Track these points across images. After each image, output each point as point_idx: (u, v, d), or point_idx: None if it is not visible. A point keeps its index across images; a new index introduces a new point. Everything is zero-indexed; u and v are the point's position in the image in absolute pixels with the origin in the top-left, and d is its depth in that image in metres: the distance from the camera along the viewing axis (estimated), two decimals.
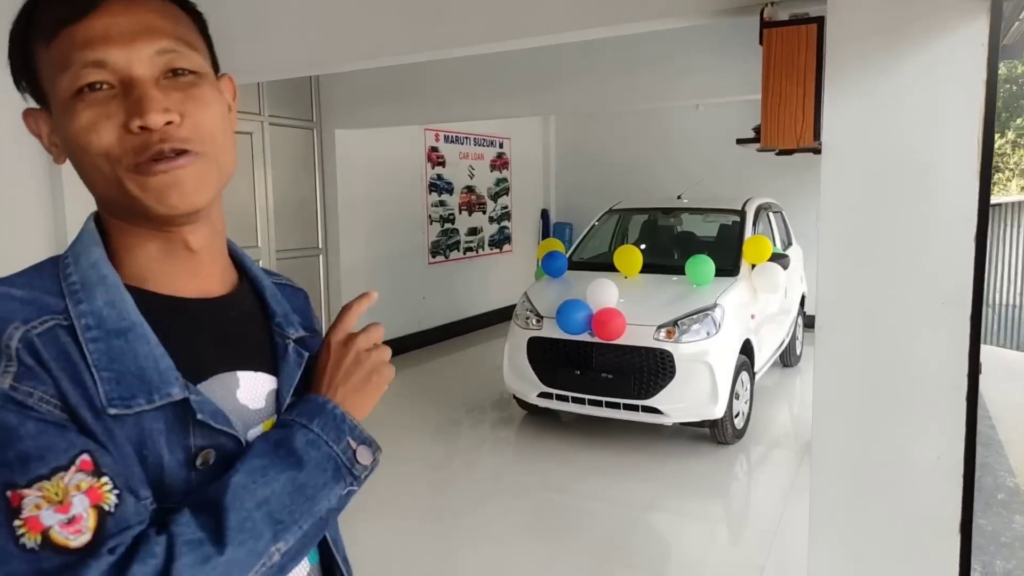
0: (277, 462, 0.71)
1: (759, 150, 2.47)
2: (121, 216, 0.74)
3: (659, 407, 4.41)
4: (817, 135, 2.26)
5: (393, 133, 6.85)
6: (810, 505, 2.32)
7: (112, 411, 0.66)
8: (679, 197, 6.24)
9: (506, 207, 9.07)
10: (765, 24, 2.35)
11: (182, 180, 0.70)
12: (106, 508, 0.62)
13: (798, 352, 6.68)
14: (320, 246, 6.57)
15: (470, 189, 8.34)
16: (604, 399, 4.55)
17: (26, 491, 0.59)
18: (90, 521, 0.61)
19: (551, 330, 4.67)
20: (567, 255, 5.53)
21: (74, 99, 0.68)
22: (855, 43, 2.13)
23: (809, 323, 6.08)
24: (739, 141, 3.08)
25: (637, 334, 4.44)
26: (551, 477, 4.37)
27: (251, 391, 0.79)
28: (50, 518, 0.59)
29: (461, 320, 8.18)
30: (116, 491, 0.63)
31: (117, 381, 0.67)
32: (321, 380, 0.80)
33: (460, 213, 8.19)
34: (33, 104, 0.75)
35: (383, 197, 6.97)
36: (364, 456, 0.76)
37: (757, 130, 2.38)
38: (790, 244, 6.57)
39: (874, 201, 2.12)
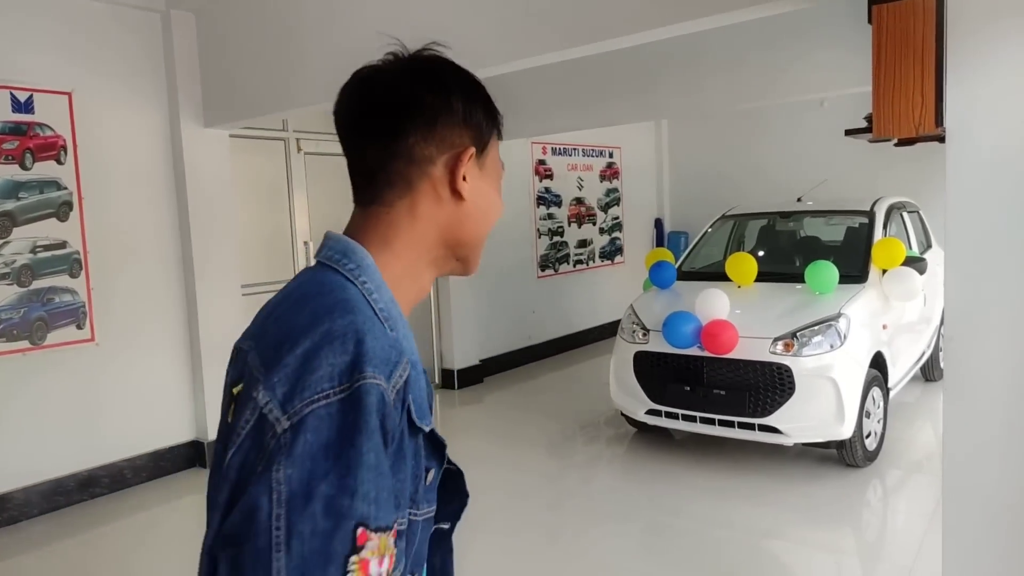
0: None
1: (871, 140, 2.22)
2: (438, 254, 0.91)
3: (777, 426, 4.11)
4: (940, 121, 2.00)
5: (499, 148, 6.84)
6: (943, 540, 2.05)
7: (425, 427, 0.78)
8: (799, 200, 5.85)
9: (617, 218, 8.88)
10: (874, 0, 2.11)
11: None
12: None
13: (942, 365, 6.05)
14: None
15: (579, 201, 8.23)
16: (717, 417, 4.29)
17: (372, 535, 0.64)
18: None
19: (658, 344, 4.47)
20: (676, 265, 5.30)
21: (496, 180, 0.95)
22: (982, 13, 1.87)
23: None
24: (848, 132, 2.80)
25: (751, 347, 4.17)
26: (663, 499, 4.16)
27: None
28: (375, 568, 0.65)
29: (573, 334, 8.04)
30: (392, 562, 0.69)
31: (417, 403, 0.77)
32: None
33: (569, 226, 8.09)
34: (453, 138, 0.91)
35: None
36: None
37: (869, 119, 2.14)
38: (929, 247, 6.00)
39: (1009, 194, 1.84)
